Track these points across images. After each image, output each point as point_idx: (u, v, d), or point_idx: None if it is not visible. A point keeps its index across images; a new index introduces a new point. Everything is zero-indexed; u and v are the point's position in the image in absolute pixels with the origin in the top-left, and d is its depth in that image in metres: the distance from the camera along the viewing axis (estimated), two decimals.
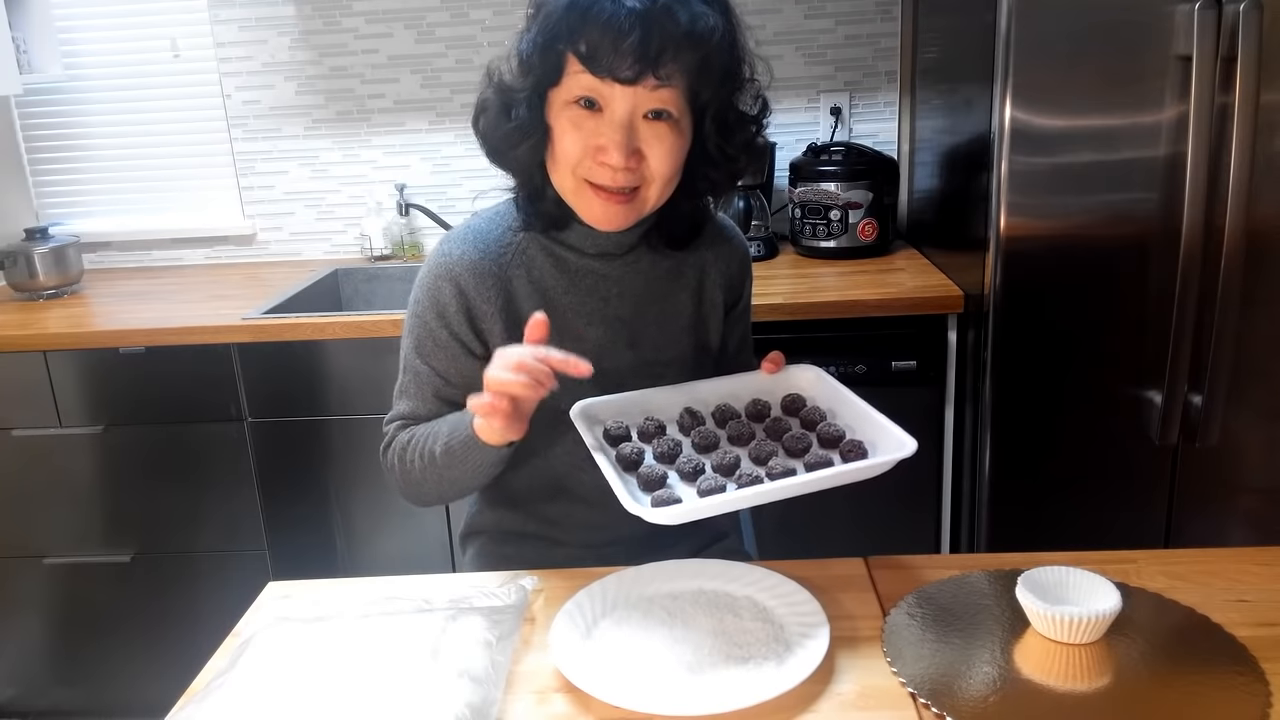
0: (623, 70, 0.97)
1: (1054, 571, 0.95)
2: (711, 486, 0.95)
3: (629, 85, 0.99)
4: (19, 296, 2.32)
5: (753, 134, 1.12)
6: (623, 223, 1.09)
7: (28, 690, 2.27)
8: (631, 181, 1.04)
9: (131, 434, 2.06)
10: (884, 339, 1.95)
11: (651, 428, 1.06)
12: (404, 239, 2.55)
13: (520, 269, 1.16)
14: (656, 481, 0.98)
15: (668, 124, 1.03)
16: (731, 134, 1.09)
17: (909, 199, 2.44)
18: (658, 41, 0.96)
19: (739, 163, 1.12)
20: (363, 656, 0.91)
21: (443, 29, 2.45)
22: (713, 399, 1.13)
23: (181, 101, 2.53)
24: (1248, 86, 1.57)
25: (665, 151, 1.03)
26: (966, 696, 0.84)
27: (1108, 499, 1.83)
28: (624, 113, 1.01)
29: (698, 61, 1.00)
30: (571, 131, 1.03)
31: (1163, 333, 1.69)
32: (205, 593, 2.14)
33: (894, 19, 2.40)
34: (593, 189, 1.06)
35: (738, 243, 1.26)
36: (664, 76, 0.99)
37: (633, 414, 1.09)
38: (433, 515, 2.09)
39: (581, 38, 0.98)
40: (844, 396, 1.09)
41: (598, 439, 1.04)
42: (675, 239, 1.18)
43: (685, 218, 1.17)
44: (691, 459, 1.00)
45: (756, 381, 1.14)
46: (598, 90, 1.00)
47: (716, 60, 1.01)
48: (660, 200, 1.09)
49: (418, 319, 1.16)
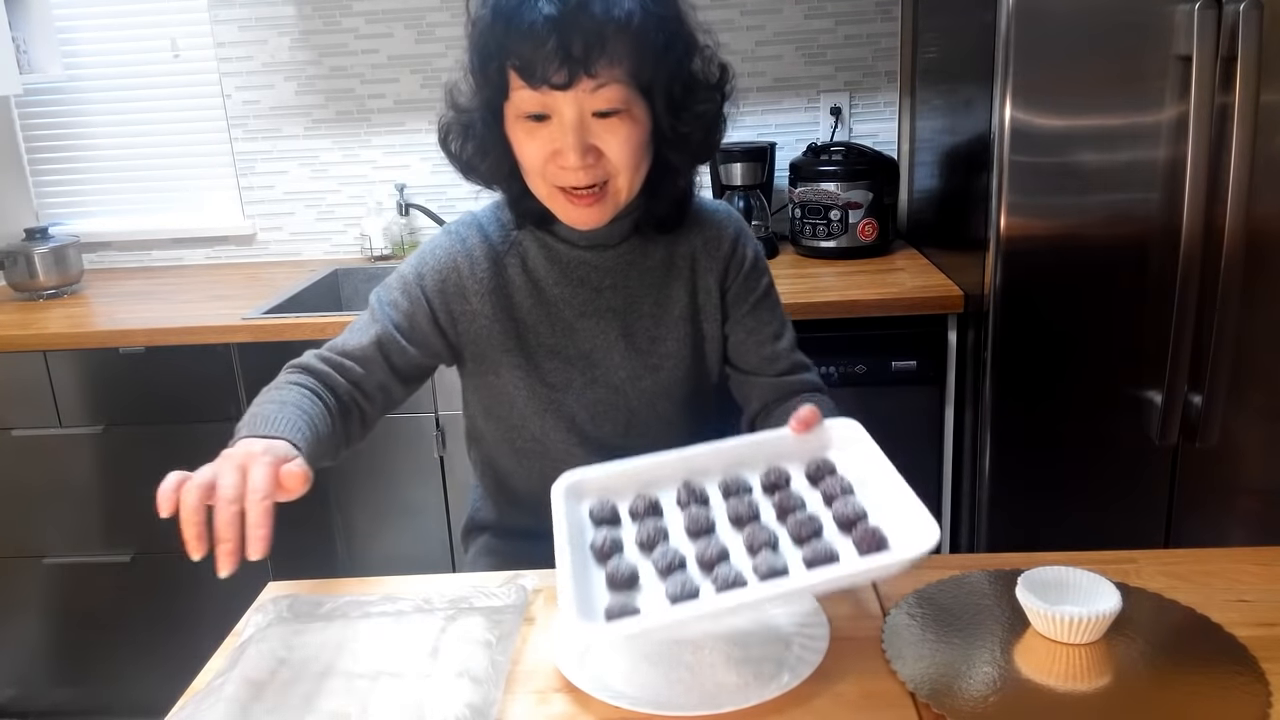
0: (554, 77, 0.98)
1: (1054, 571, 0.95)
2: (681, 591, 0.82)
3: (566, 90, 0.99)
4: (19, 296, 2.32)
5: (708, 104, 1.09)
6: (600, 220, 1.09)
7: (28, 690, 2.27)
8: (596, 178, 1.04)
9: (131, 434, 2.06)
10: (884, 339, 1.95)
11: (642, 506, 0.95)
12: (404, 239, 2.55)
13: (515, 258, 1.17)
14: (624, 581, 0.85)
15: (618, 117, 1.02)
16: (682, 110, 1.07)
17: (909, 199, 2.44)
18: (579, 42, 0.96)
19: (695, 137, 1.09)
20: (363, 656, 0.91)
21: (443, 29, 2.45)
22: (723, 467, 0.99)
23: (181, 101, 2.53)
24: (1248, 86, 1.57)
25: (620, 142, 1.03)
26: (966, 696, 0.84)
27: (1108, 499, 1.82)
28: (572, 117, 1.01)
29: (626, 49, 0.99)
30: (527, 143, 1.04)
31: (1163, 333, 1.69)
32: (205, 593, 2.14)
33: (894, 19, 2.40)
34: (563, 194, 1.06)
35: (728, 223, 1.21)
36: (599, 74, 0.98)
37: (626, 488, 0.99)
38: (432, 515, 2.09)
39: (511, 51, 0.99)
40: (878, 464, 0.94)
41: (570, 531, 0.91)
42: (663, 222, 1.17)
43: (668, 198, 1.15)
44: (667, 553, 0.87)
45: (781, 445, 1.00)
46: (541, 102, 1.01)
47: (646, 41, 1.00)
48: (632, 189, 1.08)
49: (399, 274, 1.19)
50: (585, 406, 1.18)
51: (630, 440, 1.20)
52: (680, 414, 1.21)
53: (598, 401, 1.18)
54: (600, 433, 1.19)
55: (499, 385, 1.19)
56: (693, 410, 1.23)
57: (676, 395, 1.20)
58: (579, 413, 1.18)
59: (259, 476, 0.85)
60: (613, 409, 1.19)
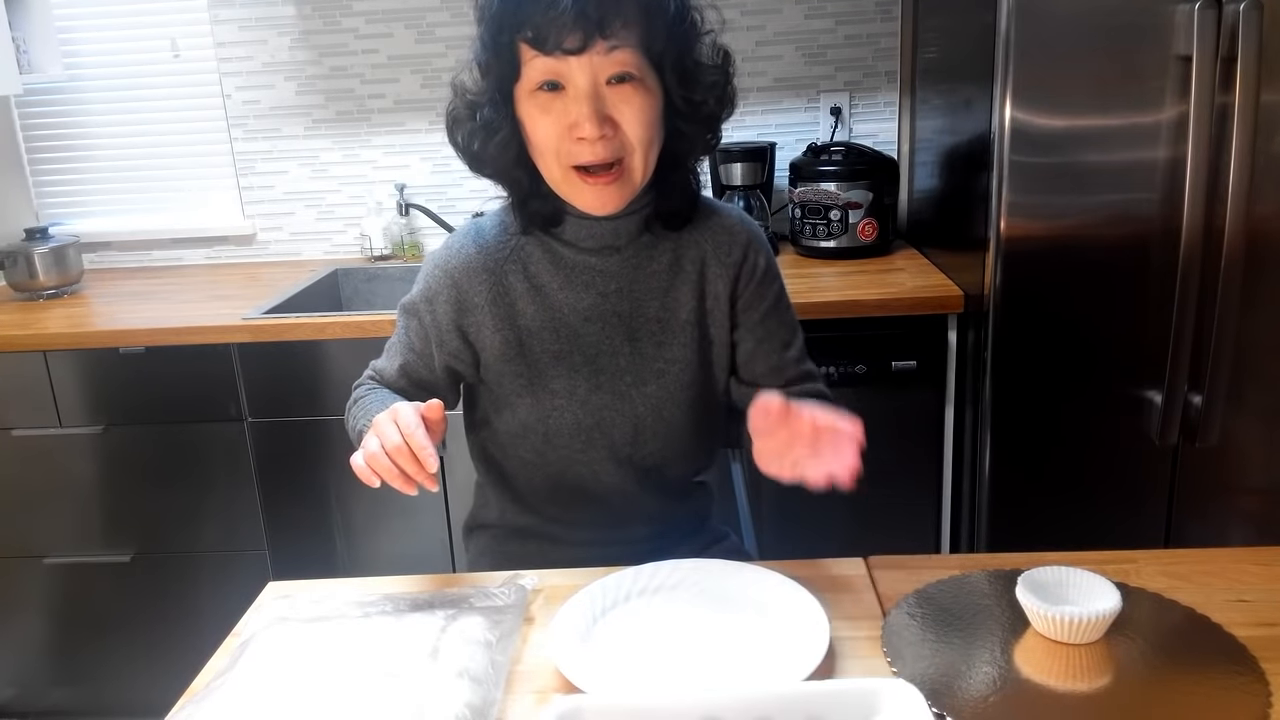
0: (570, 41, 0.98)
1: (1054, 571, 0.95)
2: None
3: (581, 55, 0.99)
4: (19, 296, 2.32)
5: (718, 79, 1.11)
6: (618, 202, 1.09)
7: (28, 690, 2.27)
8: (612, 152, 1.04)
9: (131, 434, 2.06)
10: (884, 339, 1.95)
11: None
12: (404, 239, 2.55)
13: (516, 265, 1.16)
14: None
15: (632, 85, 1.03)
16: (694, 82, 1.08)
17: (909, 199, 2.44)
18: (594, 6, 0.97)
19: (708, 107, 1.11)
20: (363, 656, 0.91)
21: (443, 29, 2.45)
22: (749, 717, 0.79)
23: (181, 101, 2.53)
24: (1248, 86, 1.57)
25: (636, 112, 1.04)
26: (966, 696, 0.84)
27: (1108, 499, 1.82)
28: (586, 84, 1.01)
29: (640, 13, 1.01)
30: (541, 117, 1.04)
31: (1163, 333, 1.69)
32: (205, 593, 2.14)
33: (894, 19, 2.40)
34: (580, 175, 1.06)
35: (740, 227, 1.20)
36: (612, 36, 0.99)
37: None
38: (432, 514, 2.09)
39: (524, 22, 0.99)
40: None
41: None
42: (673, 217, 1.17)
43: (676, 190, 1.15)
44: None
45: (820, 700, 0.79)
46: (555, 70, 1.01)
47: (659, 6, 1.02)
48: (647, 169, 1.08)
49: (412, 299, 1.21)
50: (591, 413, 1.17)
51: (638, 448, 1.19)
52: (687, 420, 1.20)
53: (603, 408, 1.17)
54: (607, 439, 1.18)
55: (502, 394, 1.19)
56: (700, 418, 1.21)
57: (683, 401, 1.18)
58: (584, 419, 1.17)
59: (407, 415, 0.97)
60: (618, 415, 1.17)
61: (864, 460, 0.89)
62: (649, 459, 1.21)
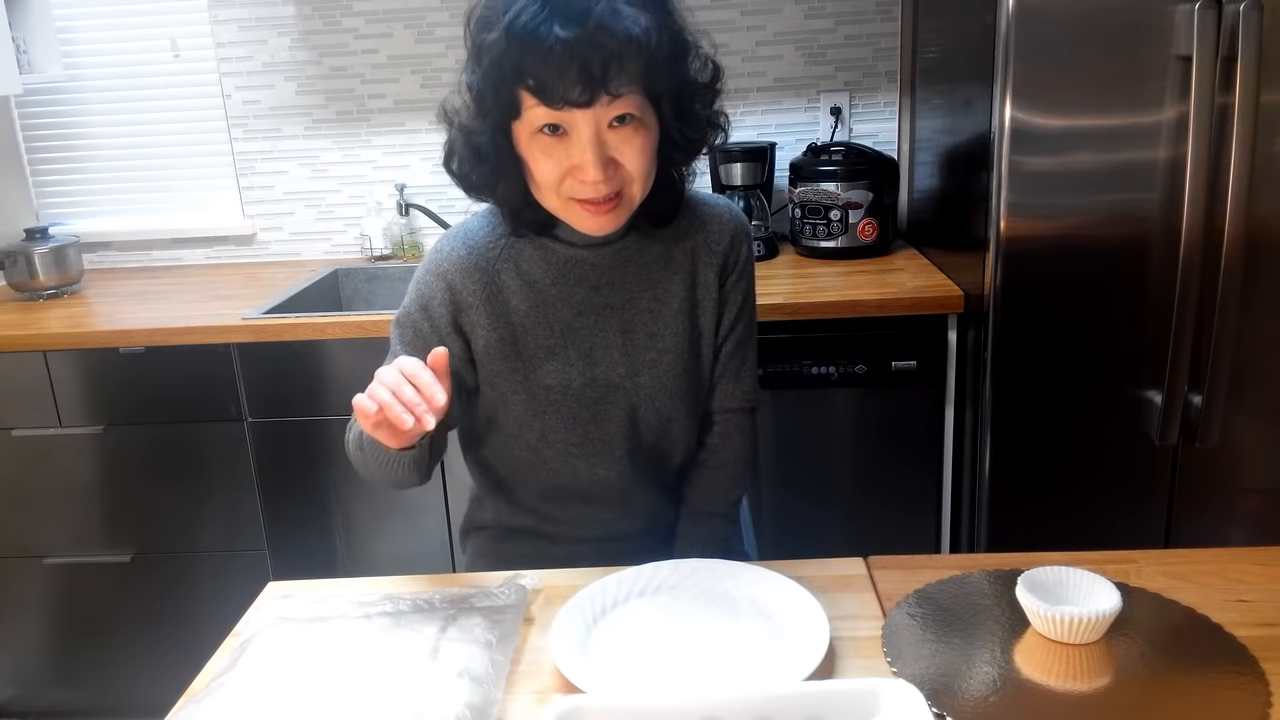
0: (575, 97, 0.98)
1: (1054, 571, 0.95)
2: None
3: (586, 108, 0.99)
4: (19, 296, 2.32)
5: (710, 107, 1.12)
6: (615, 225, 1.10)
7: (28, 690, 2.27)
8: (614, 189, 1.05)
9: (131, 434, 2.06)
10: (884, 339, 1.95)
11: None
12: (404, 239, 2.55)
13: (508, 263, 1.17)
14: None
15: (632, 126, 1.03)
16: (691, 117, 1.10)
17: (909, 199, 2.44)
18: (599, 63, 0.97)
19: (699, 140, 1.13)
20: (363, 656, 0.91)
21: (443, 29, 2.45)
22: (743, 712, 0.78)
23: (181, 101, 2.53)
24: (1248, 86, 1.57)
25: (636, 151, 1.04)
26: (966, 696, 0.84)
27: (1108, 499, 1.82)
28: (589, 132, 1.01)
29: (643, 65, 1.00)
30: (544, 160, 1.04)
31: (1163, 333, 1.69)
32: (205, 593, 2.14)
33: (894, 19, 2.40)
34: (579, 204, 1.07)
35: (729, 217, 1.22)
36: (616, 89, 0.99)
37: None
38: (432, 514, 2.09)
39: (527, 74, 0.99)
40: None
41: None
42: (660, 216, 1.18)
43: (664, 194, 1.16)
44: None
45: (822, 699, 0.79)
46: (558, 117, 1.01)
47: (660, 55, 1.02)
48: (644, 193, 1.10)
49: (405, 310, 1.20)
50: (586, 406, 1.18)
51: (633, 440, 1.20)
52: (679, 410, 1.21)
53: (598, 400, 1.18)
54: (603, 432, 1.19)
55: (497, 393, 1.19)
56: (693, 408, 1.23)
57: (675, 390, 1.20)
58: (580, 412, 1.18)
59: (409, 360, 0.96)
60: (613, 407, 1.19)
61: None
62: (644, 451, 1.22)
